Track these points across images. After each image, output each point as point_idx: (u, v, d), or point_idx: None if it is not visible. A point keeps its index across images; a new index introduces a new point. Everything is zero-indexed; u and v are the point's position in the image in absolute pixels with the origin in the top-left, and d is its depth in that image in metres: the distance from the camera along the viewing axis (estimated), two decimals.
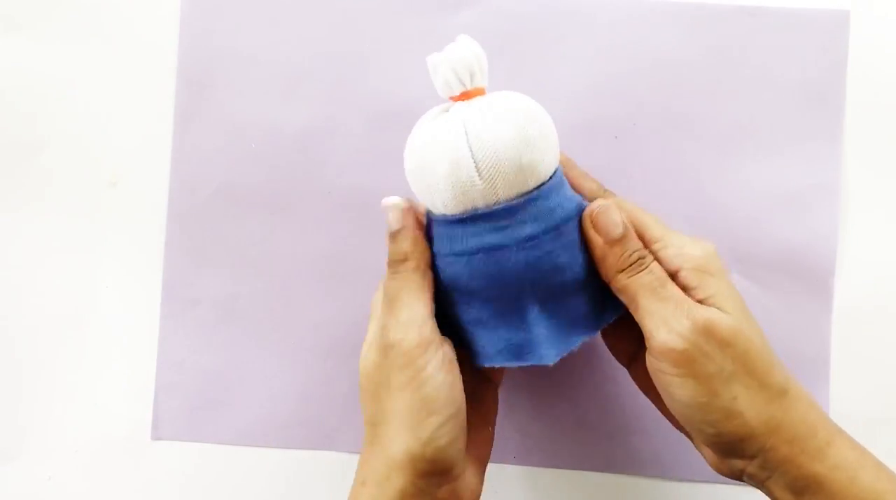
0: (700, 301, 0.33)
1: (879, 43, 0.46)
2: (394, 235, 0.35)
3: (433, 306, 0.34)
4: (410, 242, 0.34)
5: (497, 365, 0.34)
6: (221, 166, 0.47)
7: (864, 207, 0.46)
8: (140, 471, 0.47)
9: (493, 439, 0.38)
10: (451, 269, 0.34)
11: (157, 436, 0.47)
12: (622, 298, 0.34)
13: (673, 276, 0.33)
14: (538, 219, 0.33)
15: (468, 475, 0.35)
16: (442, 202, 0.33)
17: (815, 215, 0.46)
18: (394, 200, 0.35)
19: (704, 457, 0.35)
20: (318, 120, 0.47)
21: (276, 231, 0.47)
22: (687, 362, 0.32)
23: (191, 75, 0.47)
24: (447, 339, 0.35)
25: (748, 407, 0.32)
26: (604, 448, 0.46)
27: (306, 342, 0.47)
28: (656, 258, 0.34)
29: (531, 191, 0.33)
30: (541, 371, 0.46)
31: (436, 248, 0.35)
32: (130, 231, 0.47)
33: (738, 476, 0.34)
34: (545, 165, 0.33)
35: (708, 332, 0.32)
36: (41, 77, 0.48)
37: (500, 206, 0.33)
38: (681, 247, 0.34)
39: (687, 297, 0.33)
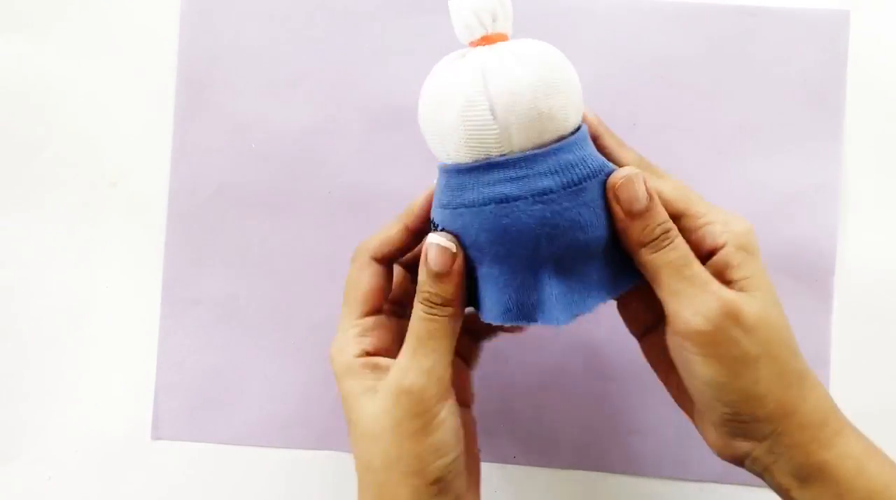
0: (736, 281, 0.32)
1: (879, 43, 0.46)
2: (440, 277, 0.32)
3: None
4: (455, 289, 0.33)
5: (504, 324, 0.32)
6: (221, 166, 0.47)
7: (864, 207, 0.46)
8: (140, 471, 0.47)
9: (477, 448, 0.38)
10: (460, 221, 0.32)
11: (157, 436, 0.47)
12: (644, 272, 0.33)
13: (714, 251, 0.33)
14: (557, 173, 0.31)
15: (470, 496, 0.35)
16: (454, 148, 0.31)
17: (815, 215, 0.46)
18: (443, 241, 0.32)
19: (707, 438, 0.35)
20: (319, 120, 0.47)
21: (276, 231, 0.47)
22: (712, 343, 0.31)
23: (191, 75, 0.47)
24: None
25: (768, 391, 0.32)
26: (603, 448, 0.46)
27: (306, 342, 0.47)
28: (700, 234, 0.33)
29: (550, 143, 0.31)
30: (540, 369, 0.46)
31: (444, 199, 0.33)
32: (130, 231, 0.47)
33: (740, 460, 0.34)
34: (566, 117, 0.31)
35: (735, 316, 0.31)
36: (42, 77, 0.48)
37: (516, 155, 0.31)
38: (726, 222, 0.33)
39: (711, 278, 0.32)
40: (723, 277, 0.32)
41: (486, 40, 0.32)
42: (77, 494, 0.47)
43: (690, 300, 0.32)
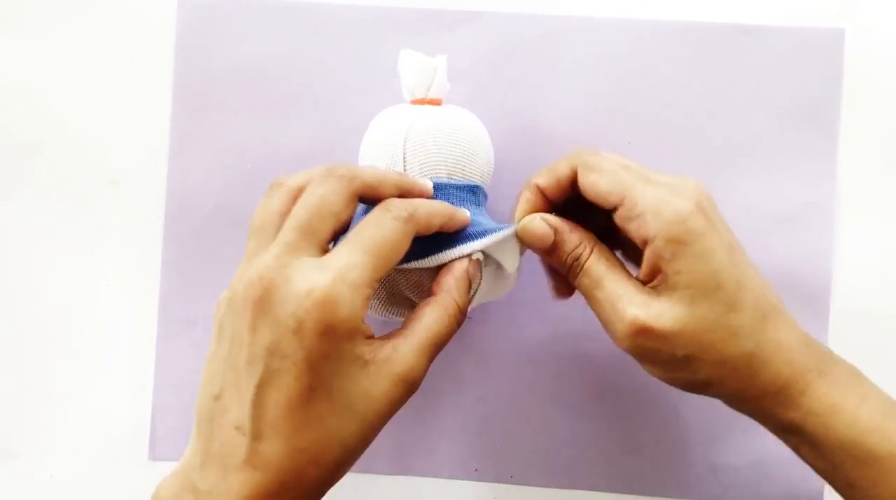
0: (666, 276, 0.32)
1: (874, 61, 0.46)
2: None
3: None
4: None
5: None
6: (217, 187, 0.47)
7: (860, 224, 0.46)
8: (141, 469, 0.47)
9: None
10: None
11: (154, 457, 0.47)
12: None
13: (647, 244, 0.33)
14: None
15: None
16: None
17: (810, 232, 0.46)
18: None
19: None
20: (314, 140, 0.47)
21: None
22: (635, 355, 0.34)
23: (187, 96, 0.47)
24: None
25: (711, 379, 0.34)
26: (601, 467, 0.46)
27: None
28: (634, 226, 0.33)
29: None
30: (538, 389, 0.46)
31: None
32: (131, 230, 0.48)
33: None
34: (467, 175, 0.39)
35: (645, 331, 0.32)
36: (33, 104, 0.48)
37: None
38: (657, 212, 0.32)
39: (620, 295, 0.33)
40: (654, 273, 0.33)
41: (421, 102, 0.40)
42: (78, 492, 0.47)
43: (605, 320, 0.34)
